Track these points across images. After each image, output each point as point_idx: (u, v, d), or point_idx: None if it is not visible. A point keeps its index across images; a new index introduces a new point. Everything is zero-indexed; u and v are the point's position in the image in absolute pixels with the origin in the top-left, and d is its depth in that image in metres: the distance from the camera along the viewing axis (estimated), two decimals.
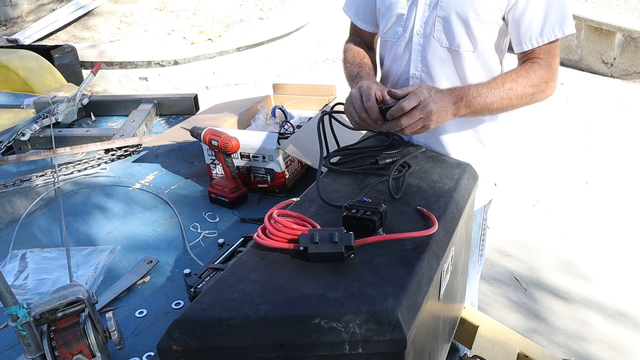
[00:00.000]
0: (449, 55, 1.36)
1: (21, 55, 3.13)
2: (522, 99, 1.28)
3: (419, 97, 1.13)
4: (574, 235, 3.21)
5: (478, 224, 1.61)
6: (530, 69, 1.29)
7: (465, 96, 1.22)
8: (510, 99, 1.27)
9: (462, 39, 1.33)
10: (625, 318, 2.57)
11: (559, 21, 1.27)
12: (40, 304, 0.96)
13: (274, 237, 0.93)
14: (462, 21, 1.31)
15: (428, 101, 1.14)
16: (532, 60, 1.31)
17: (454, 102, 1.20)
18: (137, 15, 6.74)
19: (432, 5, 1.32)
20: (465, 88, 1.24)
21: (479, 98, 1.23)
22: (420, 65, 1.39)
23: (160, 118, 2.46)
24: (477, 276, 1.72)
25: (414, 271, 0.85)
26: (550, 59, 1.31)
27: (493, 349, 1.29)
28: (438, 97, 1.16)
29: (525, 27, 1.28)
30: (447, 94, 1.20)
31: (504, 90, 1.26)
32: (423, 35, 1.36)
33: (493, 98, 1.25)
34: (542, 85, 1.29)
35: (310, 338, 0.76)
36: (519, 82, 1.27)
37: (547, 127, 4.64)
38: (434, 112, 1.14)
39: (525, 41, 1.30)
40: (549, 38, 1.29)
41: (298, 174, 1.78)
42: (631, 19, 5.99)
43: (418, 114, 1.13)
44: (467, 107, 1.23)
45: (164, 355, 0.80)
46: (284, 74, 6.48)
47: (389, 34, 1.44)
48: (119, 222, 1.63)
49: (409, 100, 1.13)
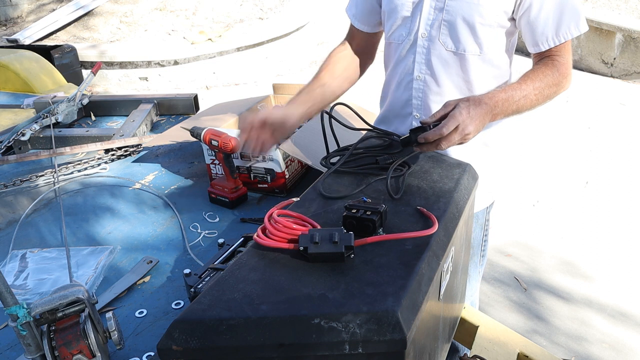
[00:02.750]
0: (454, 59, 1.36)
1: (21, 55, 3.13)
2: (547, 97, 1.31)
3: (457, 120, 1.12)
4: (574, 235, 3.21)
5: (480, 224, 1.60)
6: (552, 67, 1.31)
7: (501, 103, 1.23)
8: (538, 100, 1.29)
9: (468, 42, 1.33)
10: (626, 318, 2.57)
11: (574, 20, 1.29)
12: (40, 304, 0.96)
13: (274, 237, 0.93)
14: (468, 25, 1.31)
15: (467, 123, 1.14)
16: (550, 58, 1.33)
17: (491, 111, 1.20)
18: (137, 15, 6.74)
19: (437, 8, 1.32)
20: (499, 94, 1.24)
21: (512, 103, 1.25)
22: (425, 67, 1.39)
23: (160, 118, 2.46)
24: (478, 277, 1.72)
25: (414, 271, 0.85)
26: (566, 55, 1.33)
27: (493, 349, 1.29)
28: (475, 115, 1.16)
29: (542, 28, 1.29)
30: (484, 106, 1.19)
31: (533, 93, 1.28)
32: (428, 38, 1.36)
33: (524, 101, 1.27)
34: (562, 81, 1.32)
35: (310, 338, 0.76)
36: (544, 82, 1.29)
37: (547, 127, 4.64)
38: (472, 132, 1.15)
39: (542, 42, 1.31)
40: (565, 37, 1.30)
41: (298, 174, 1.78)
42: (631, 19, 5.99)
43: (457, 136, 1.14)
44: (502, 113, 1.24)
45: (164, 355, 0.80)
46: (284, 74, 6.48)
47: (393, 36, 1.44)
48: (119, 222, 1.63)
49: (447, 125, 1.12)
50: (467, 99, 1.18)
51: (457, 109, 1.14)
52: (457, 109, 1.14)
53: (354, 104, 1.52)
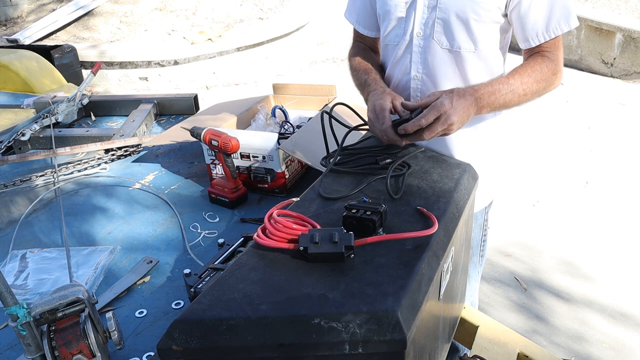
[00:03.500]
0: (449, 57, 1.36)
1: (21, 55, 3.13)
2: (535, 93, 1.31)
3: (439, 110, 1.14)
4: (574, 235, 3.21)
5: (479, 224, 1.61)
6: (542, 62, 1.31)
7: (487, 96, 1.24)
8: (525, 95, 1.29)
9: (463, 39, 1.33)
10: (626, 318, 2.57)
11: (564, 15, 1.29)
12: (40, 304, 0.96)
13: (274, 237, 0.93)
14: (462, 22, 1.31)
15: (449, 113, 1.15)
16: (540, 54, 1.33)
17: (475, 104, 1.21)
18: (137, 15, 6.74)
19: (430, 7, 1.32)
20: (485, 87, 1.25)
21: (498, 96, 1.26)
22: (421, 67, 1.39)
23: (160, 118, 2.46)
24: (477, 277, 1.72)
25: (414, 271, 0.85)
26: (556, 51, 1.33)
27: (493, 349, 1.29)
28: (460, 106, 1.17)
29: (532, 23, 1.30)
30: (469, 97, 1.20)
31: (521, 87, 1.28)
32: (423, 37, 1.36)
33: (511, 96, 1.27)
34: (551, 77, 1.32)
35: (310, 338, 0.76)
36: (533, 77, 1.29)
37: (547, 127, 4.64)
38: (456, 122, 1.16)
39: (532, 37, 1.31)
40: (555, 33, 1.30)
41: (298, 174, 1.78)
42: (631, 19, 5.99)
43: (440, 127, 1.15)
44: (488, 106, 1.25)
45: (164, 355, 0.80)
46: (284, 74, 6.48)
47: (389, 37, 1.44)
48: (119, 222, 1.63)
49: (426, 115, 1.13)
50: (451, 91, 1.20)
51: (440, 100, 1.15)
52: (439, 99, 1.16)
53: (354, 104, 1.53)
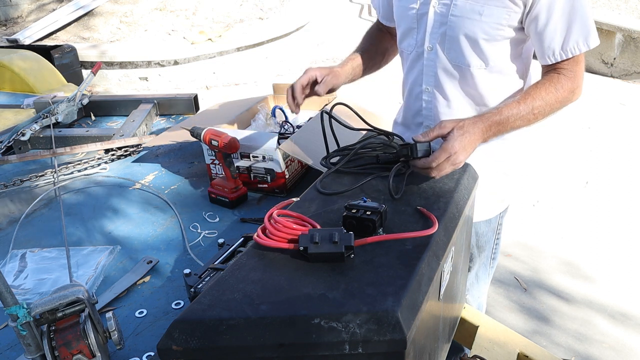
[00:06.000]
0: (460, 73, 1.33)
1: (21, 55, 3.13)
2: (549, 114, 1.28)
3: (448, 152, 1.11)
4: (574, 235, 3.21)
5: (493, 228, 1.58)
6: (557, 83, 1.26)
7: (495, 126, 1.21)
8: (537, 118, 1.26)
9: (472, 57, 1.30)
10: (626, 318, 2.57)
11: (583, 34, 1.22)
12: (40, 304, 0.96)
13: (274, 237, 0.93)
14: (471, 41, 1.28)
15: (458, 154, 1.12)
16: (557, 71, 1.27)
17: (482, 136, 1.19)
18: (137, 15, 6.74)
19: (439, 22, 1.30)
20: (495, 116, 1.21)
21: (506, 125, 1.23)
22: (432, 80, 1.37)
23: (160, 118, 2.46)
24: (487, 279, 1.70)
25: (414, 271, 0.85)
26: (575, 68, 1.27)
27: (493, 349, 1.29)
28: (468, 143, 1.14)
29: (548, 41, 1.24)
30: (478, 131, 1.17)
31: (532, 113, 1.24)
32: (434, 52, 1.34)
33: (521, 122, 1.24)
34: (568, 96, 1.28)
35: (310, 338, 0.76)
36: (546, 100, 1.25)
37: (547, 127, 4.64)
38: (463, 160, 1.15)
39: (549, 55, 1.26)
40: (573, 52, 1.24)
41: (298, 174, 1.78)
42: (631, 19, 5.99)
43: (449, 167, 1.13)
44: (494, 136, 1.23)
45: (164, 355, 0.80)
46: (284, 74, 6.48)
47: (403, 45, 1.44)
48: (119, 222, 1.63)
49: (437, 159, 1.10)
50: (462, 125, 1.16)
51: (450, 139, 1.12)
52: (450, 139, 1.13)
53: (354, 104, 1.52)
